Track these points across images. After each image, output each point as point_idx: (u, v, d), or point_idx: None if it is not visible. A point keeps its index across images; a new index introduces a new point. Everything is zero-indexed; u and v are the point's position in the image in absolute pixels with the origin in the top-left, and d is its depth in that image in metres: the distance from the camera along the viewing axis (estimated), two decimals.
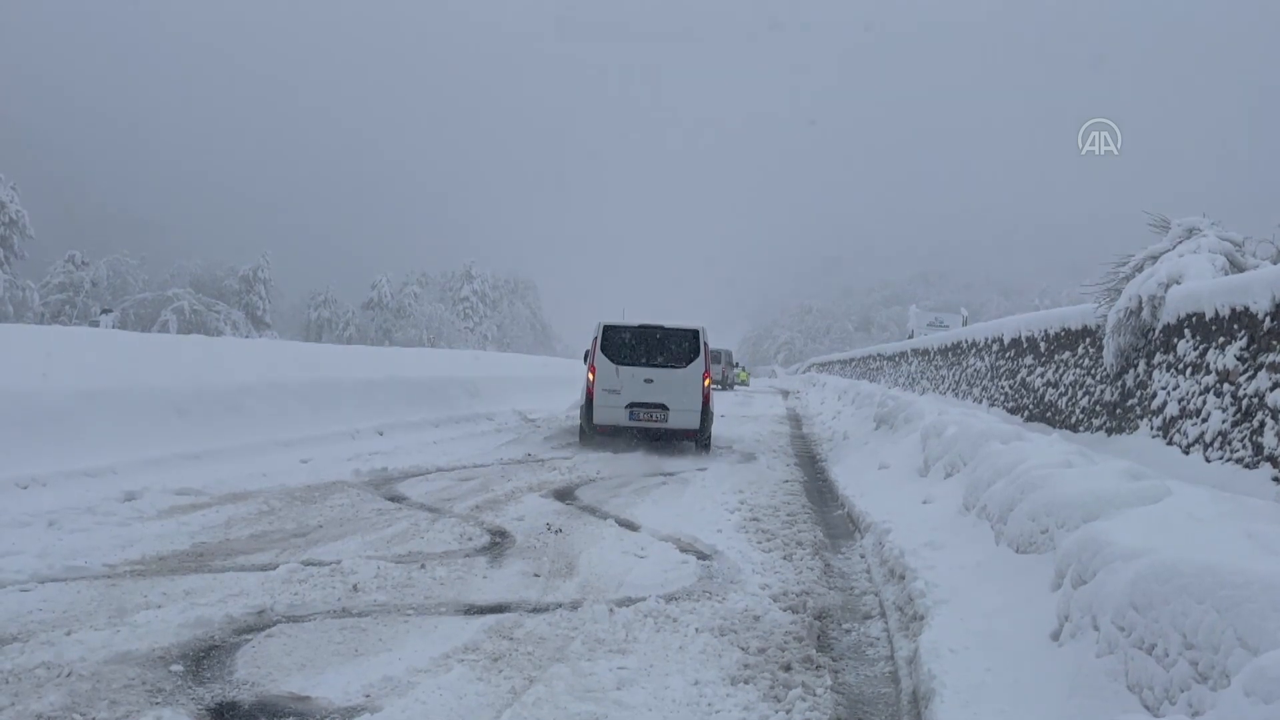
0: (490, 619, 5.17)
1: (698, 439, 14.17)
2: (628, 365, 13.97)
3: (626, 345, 14.13)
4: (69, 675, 4.01)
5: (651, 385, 13.92)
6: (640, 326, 14.27)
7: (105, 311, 50.62)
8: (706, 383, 13.96)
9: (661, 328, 14.26)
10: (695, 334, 14.20)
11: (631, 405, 13.91)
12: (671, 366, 14.03)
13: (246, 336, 55.87)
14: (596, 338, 14.16)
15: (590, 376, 14.05)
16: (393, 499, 8.89)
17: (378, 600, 5.40)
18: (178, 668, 4.21)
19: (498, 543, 7.14)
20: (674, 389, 13.92)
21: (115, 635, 4.53)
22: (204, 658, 4.37)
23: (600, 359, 14.02)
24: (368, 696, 4.00)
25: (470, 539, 7.21)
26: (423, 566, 6.18)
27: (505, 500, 9.01)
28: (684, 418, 13.91)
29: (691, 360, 14.05)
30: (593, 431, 14.18)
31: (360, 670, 4.29)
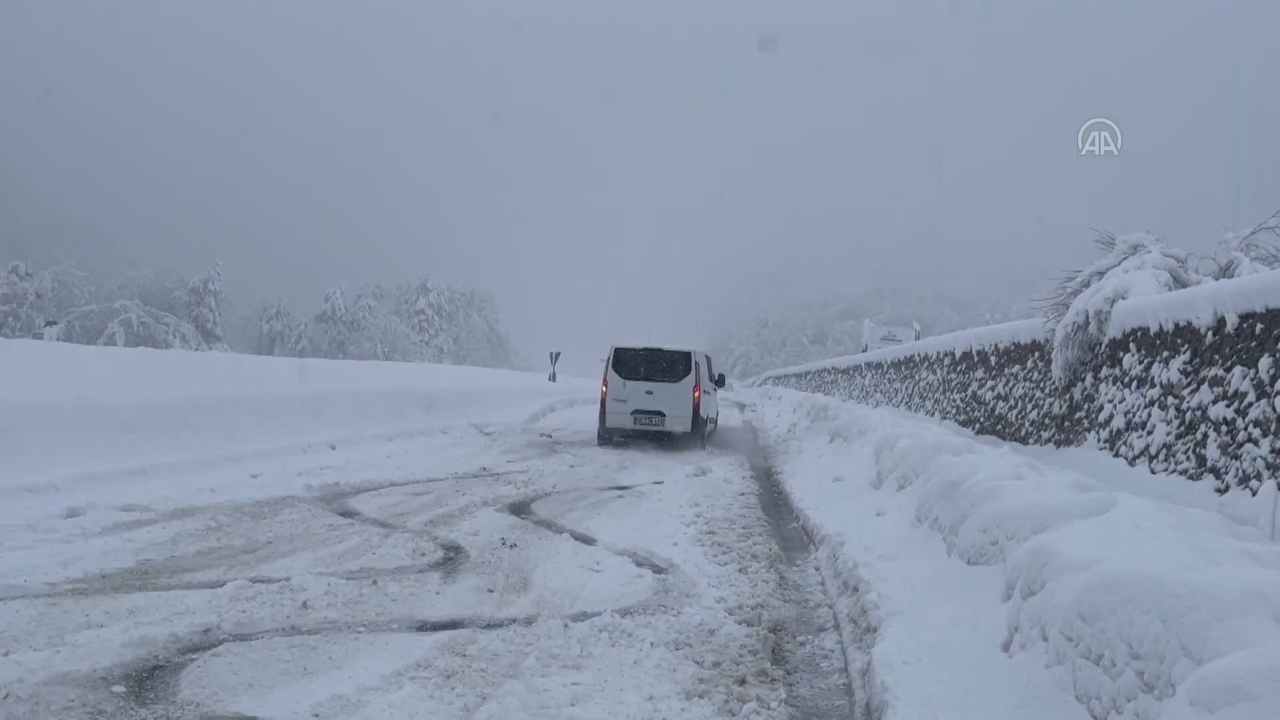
0: (443, 635, 5.12)
1: (690, 436, 17.03)
2: (632, 380, 17.10)
3: (632, 363, 17.30)
4: (6, 697, 3.90)
5: (651, 396, 17.02)
6: (644, 349, 17.55)
7: (50, 324, 49.20)
8: (696, 394, 17.03)
9: (661, 349, 17.55)
10: (688, 355, 17.41)
11: (635, 411, 17.00)
12: (668, 381, 17.09)
13: (196, 350, 54.85)
14: (609, 358, 17.43)
15: (604, 389, 17.28)
16: (344, 514, 8.78)
17: (328, 617, 5.31)
18: (120, 689, 4.11)
19: (451, 558, 7.07)
20: (669, 399, 16.99)
21: (55, 655, 4.41)
22: (148, 678, 4.27)
23: (611, 374, 17.23)
24: (317, 716, 3.93)
25: (423, 554, 7.13)
26: (374, 583, 6.10)
27: (459, 515, 8.93)
28: (677, 422, 16.98)
29: (684, 376, 17.13)
30: (607, 433, 17.39)
31: (309, 689, 4.22)
